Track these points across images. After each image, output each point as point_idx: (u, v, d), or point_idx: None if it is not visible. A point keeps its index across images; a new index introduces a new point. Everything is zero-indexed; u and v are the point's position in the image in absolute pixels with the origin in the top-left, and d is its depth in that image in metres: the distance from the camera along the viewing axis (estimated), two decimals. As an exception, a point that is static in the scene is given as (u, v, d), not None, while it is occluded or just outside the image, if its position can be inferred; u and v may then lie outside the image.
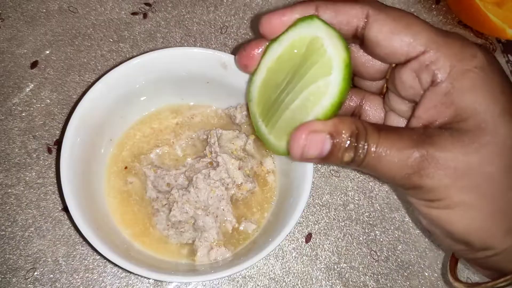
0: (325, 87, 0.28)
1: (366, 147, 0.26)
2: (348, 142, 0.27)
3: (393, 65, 0.31)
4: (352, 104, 0.36)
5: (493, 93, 0.27)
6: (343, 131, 0.27)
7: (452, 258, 0.34)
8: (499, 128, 0.26)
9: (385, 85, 0.34)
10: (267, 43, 0.31)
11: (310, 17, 0.28)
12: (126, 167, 0.43)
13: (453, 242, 0.29)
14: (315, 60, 0.28)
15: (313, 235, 0.46)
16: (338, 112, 0.28)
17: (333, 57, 0.27)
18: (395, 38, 0.28)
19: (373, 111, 0.35)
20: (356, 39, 0.30)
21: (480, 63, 0.27)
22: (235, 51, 0.40)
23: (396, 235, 0.47)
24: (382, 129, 0.27)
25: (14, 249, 0.43)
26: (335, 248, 0.46)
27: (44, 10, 0.52)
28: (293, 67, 0.29)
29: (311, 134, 0.27)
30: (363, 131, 0.27)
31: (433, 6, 0.58)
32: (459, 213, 0.27)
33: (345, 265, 0.45)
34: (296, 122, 0.29)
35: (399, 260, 0.46)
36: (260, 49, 0.31)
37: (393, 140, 0.27)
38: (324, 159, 0.28)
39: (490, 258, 0.28)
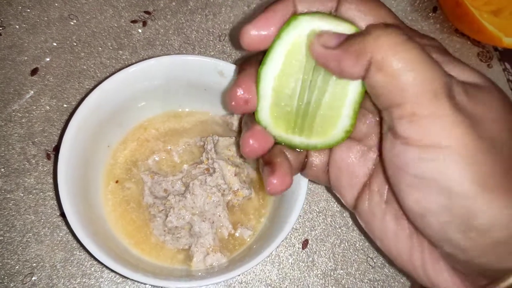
0: None
1: None
2: None
3: None
4: None
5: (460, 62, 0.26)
6: None
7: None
8: (493, 86, 0.25)
9: None
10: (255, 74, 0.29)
11: (293, 18, 0.27)
12: (117, 181, 0.43)
13: (452, 216, 0.23)
14: None
15: (309, 241, 0.46)
16: None
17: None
18: (361, 17, 0.27)
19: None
20: None
21: (438, 45, 0.27)
22: (234, 61, 0.40)
23: (392, 241, 0.47)
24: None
25: (12, 254, 0.43)
26: (331, 255, 0.46)
27: (45, 18, 0.53)
28: (301, 69, 0.29)
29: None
30: None
31: (430, 15, 0.58)
32: (471, 168, 0.22)
33: (341, 271, 0.45)
34: (336, 112, 0.29)
35: (395, 266, 0.46)
36: (242, 91, 0.29)
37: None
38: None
39: (495, 248, 0.23)
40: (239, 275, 0.44)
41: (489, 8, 0.56)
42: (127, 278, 0.35)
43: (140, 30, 0.54)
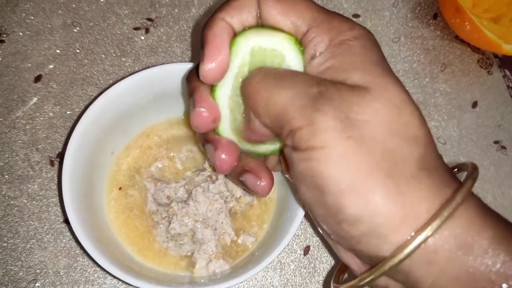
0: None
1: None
2: None
3: None
4: None
5: (370, 56, 0.27)
6: None
7: (342, 265, 0.34)
8: (382, 87, 0.26)
9: None
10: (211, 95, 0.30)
11: (232, 43, 0.28)
12: (120, 188, 0.43)
13: (326, 209, 0.25)
14: (270, 61, 0.28)
15: (311, 248, 0.46)
16: None
17: (276, 46, 0.28)
18: (282, 19, 0.28)
19: None
20: None
21: (358, 34, 0.27)
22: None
23: (393, 248, 0.47)
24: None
25: (15, 261, 0.43)
26: (333, 261, 0.46)
27: (49, 25, 0.53)
28: None
29: None
30: None
31: (431, 22, 0.59)
32: (339, 168, 0.24)
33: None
34: None
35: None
36: (206, 111, 0.30)
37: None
38: None
39: (365, 238, 0.25)
40: (241, 282, 0.44)
41: (489, 15, 0.56)
42: (130, 284, 0.36)
43: (142, 37, 0.54)
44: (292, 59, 0.28)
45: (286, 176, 0.36)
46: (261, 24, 0.29)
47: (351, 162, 0.24)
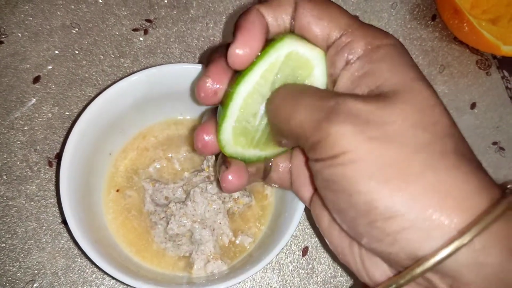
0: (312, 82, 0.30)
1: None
2: None
3: None
4: None
5: (405, 62, 0.27)
6: None
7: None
8: (413, 90, 0.26)
9: None
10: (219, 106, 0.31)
11: (279, 39, 0.28)
12: (118, 190, 0.43)
13: (357, 209, 0.25)
14: (299, 69, 0.29)
15: (309, 249, 0.46)
16: None
17: (310, 57, 0.29)
18: (316, 22, 0.28)
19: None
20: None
21: (392, 42, 0.28)
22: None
23: (392, 249, 0.47)
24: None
25: (13, 261, 0.43)
26: (331, 262, 0.46)
27: (48, 27, 0.53)
28: (270, 89, 0.29)
29: None
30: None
31: (429, 23, 0.59)
32: (364, 167, 0.24)
33: (341, 278, 0.46)
34: None
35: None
36: (211, 82, 0.30)
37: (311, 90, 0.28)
38: None
39: (403, 234, 0.23)
40: (239, 282, 0.44)
41: (487, 16, 0.56)
42: (128, 285, 0.36)
43: (141, 38, 0.54)
44: (319, 73, 0.29)
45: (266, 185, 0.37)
46: (294, 25, 0.29)
47: (378, 160, 0.23)
